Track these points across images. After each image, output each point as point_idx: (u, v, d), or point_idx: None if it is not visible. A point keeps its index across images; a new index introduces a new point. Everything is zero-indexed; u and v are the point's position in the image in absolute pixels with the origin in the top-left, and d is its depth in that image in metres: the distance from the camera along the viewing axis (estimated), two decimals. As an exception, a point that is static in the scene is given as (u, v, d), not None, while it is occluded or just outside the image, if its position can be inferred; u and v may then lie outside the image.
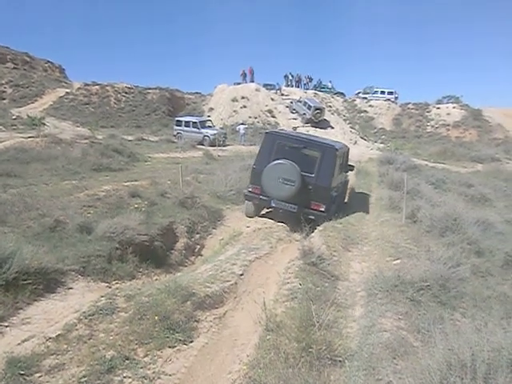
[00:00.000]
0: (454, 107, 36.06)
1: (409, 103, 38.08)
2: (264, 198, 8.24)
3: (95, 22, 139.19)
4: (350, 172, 11.65)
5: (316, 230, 8.01)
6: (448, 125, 34.35)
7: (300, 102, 31.44)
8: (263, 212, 9.10)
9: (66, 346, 3.45)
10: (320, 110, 30.30)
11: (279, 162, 7.89)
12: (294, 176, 7.78)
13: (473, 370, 2.55)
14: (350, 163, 11.25)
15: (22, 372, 3.08)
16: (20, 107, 27.10)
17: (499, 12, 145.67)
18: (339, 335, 3.98)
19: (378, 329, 4.00)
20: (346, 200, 11.29)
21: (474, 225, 8.00)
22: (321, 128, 29.96)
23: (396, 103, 38.18)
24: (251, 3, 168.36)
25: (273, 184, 7.88)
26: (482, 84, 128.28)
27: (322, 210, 8.08)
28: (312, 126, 29.59)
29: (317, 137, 12.29)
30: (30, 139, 12.98)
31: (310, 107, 30.01)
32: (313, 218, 8.04)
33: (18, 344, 3.46)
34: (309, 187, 7.96)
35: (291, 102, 32.47)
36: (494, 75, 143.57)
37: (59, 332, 3.62)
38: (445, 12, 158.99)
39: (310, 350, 3.50)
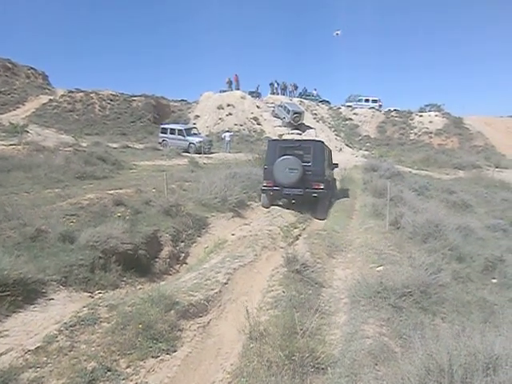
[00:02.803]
0: (436, 115, 36.94)
1: (392, 111, 38.79)
2: (276, 188, 10.33)
3: (80, 29, 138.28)
4: (336, 179, 13.85)
5: (301, 238, 8.07)
6: (430, 132, 35.13)
7: (281, 106, 31.88)
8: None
9: (45, 359, 3.39)
10: (299, 113, 30.75)
11: (285, 157, 10.15)
12: (297, 165, 10.03)
13: (450, 375, 2.60)
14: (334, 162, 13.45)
15: (0, 386, 3.01)
16: (1, 114, 26.69)
17: (480, 20, 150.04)
18: (322, 342, 4.01)
19: (361, 335, 4.04)
20: (332, 203, 11.57)
21: (456, 231, 8.18)
22: (303, 132, 30.39)
23: (380, 111, 38.86)
24: (236, 11, 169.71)
25: (282, 174, 10.10)
26: (462, 93, 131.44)
27: (322, 187, 10.21)
28: (297, 134, 29.87)
29: None
30: (11, 147, 12.77)
31: (288, 111, 30.38)
32: (316, 195, 10.17)
33: (-4, 357, 3.38)
34: (308, 173, 10.14)
35: (273, 108, 32.86)
36: (473, 84, 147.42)
37: (39, 344, 3.55)
38: (427, 21, 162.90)
39: (293, 357, 3.52)
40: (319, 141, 11.39)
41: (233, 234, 8.27)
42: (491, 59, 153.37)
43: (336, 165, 13.32)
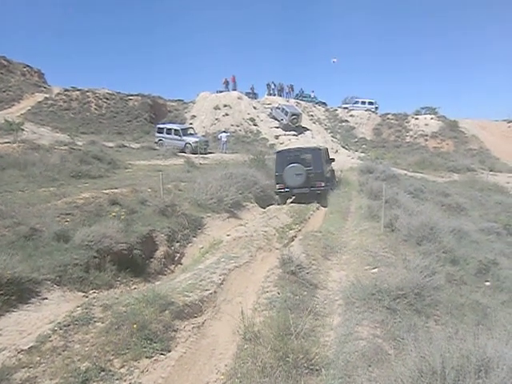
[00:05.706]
0: (431, 118, 37.08)
1: (388, 113, 38.93)
2: (287, 190, 12.68)
3: (76, 27, 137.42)
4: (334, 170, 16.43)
5: (296, 239, 8.09)
6: (426, 135, 35.28)
7: (278, 108, 31.84)
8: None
9: (38, 359, 3.37)
10: (296, 115, 30.72)
11: (291, 165, 12.49)
12: (301, 170, 12.42)
13: (442, 377, 2.62)
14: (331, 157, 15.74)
15: (-8, 386, 3.00)
16: (-4, 111, 26.45)
17: (477, 24, 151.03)
18: (316, 344, 4.02)
19: (355, 337, 4.06)
20: (327, 198, 12.71)
21: (450, 234, 8.21)
22: (299, 134, 30.35)
23: (376, 113, 38.97)
24: (233, 11, 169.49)
25: (291, 178, 12.47)
26: (458, 96, 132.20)
27: (323, 185, 12.61)
28: (294, 135, 29.90)
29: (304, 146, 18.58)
30: (6, 145, 12.68)
31: (286, 113, 30.36)
32: (319, 192, 12.60)
33: (-11, 357, 3.37)
34: (311, 175, 12.51)
35: (271, 110, 32.84)
36: (468, 88, 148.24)
37: (32, 344, 3.54)
38: (423, 24, 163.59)
39: (287, 359, 3.52)
40: (316, 148, 14.14)
41: (228, 235, 8.28)
42: (487, 63, 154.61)
43: (333, 159, 15.67)
